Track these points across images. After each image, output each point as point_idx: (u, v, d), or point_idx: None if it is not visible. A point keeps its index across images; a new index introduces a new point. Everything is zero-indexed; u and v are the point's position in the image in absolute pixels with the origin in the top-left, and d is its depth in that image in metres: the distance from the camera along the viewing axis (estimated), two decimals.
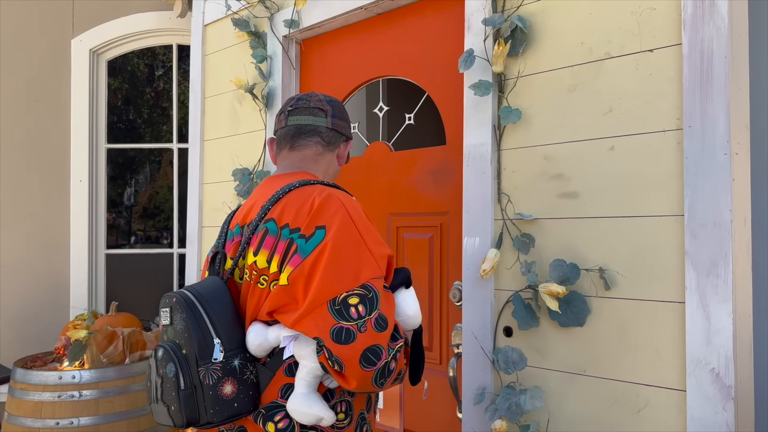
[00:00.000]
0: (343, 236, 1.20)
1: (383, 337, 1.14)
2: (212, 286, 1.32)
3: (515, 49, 1.80)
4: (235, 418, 1.25)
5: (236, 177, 2.72)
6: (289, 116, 1.48)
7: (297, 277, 1.19)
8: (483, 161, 1.87)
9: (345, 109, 1.56)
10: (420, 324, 1.33)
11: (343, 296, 1.15)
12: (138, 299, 3.78)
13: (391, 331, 1.17)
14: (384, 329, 1.15)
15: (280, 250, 1.25)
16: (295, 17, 2.54)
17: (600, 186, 1.64)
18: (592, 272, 1.63)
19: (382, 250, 1.24)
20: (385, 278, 1.24)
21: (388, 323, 1.16)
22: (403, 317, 1.28)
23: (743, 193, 1.46)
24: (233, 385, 1.23)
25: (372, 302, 1.16)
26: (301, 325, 1.17)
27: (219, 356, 1.23)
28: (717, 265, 1.41)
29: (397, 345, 1.17)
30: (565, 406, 1.67)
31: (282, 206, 1.30)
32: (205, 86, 3.03)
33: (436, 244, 2.14)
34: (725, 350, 1.39)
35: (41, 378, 2.68)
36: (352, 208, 1.26)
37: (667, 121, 1.53)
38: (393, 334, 1.19)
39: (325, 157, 1.50)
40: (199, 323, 1.24)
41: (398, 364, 1.19)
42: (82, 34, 3.87)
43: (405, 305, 1.29)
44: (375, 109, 2.48)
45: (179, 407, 1.23)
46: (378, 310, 1.15)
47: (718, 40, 1.44)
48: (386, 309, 1.17)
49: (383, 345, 1.14)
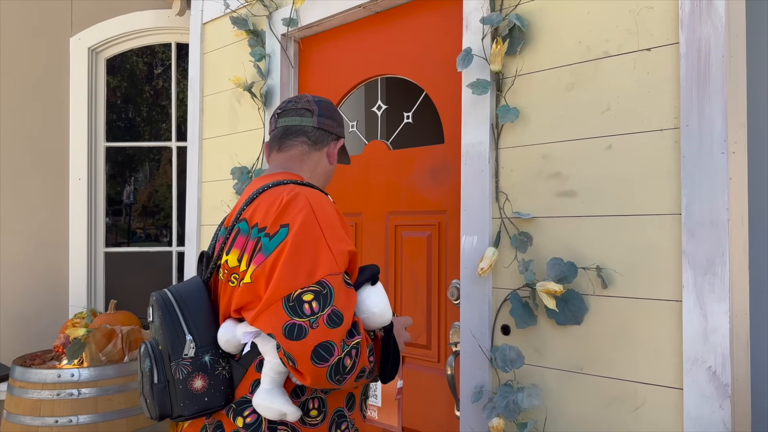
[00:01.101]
0: (303, 234, 1.22)
1: (336, 333, 1.14)
2: (191, 286, 1.38)
3: (513, 48, 1.80)
4: (206, 412, 1.29)
5: (235, 175, 2.72)
6: (279, 119, 1.52)
7: (259, 275, 1.22)
8: (481, 160, 1.87)
9: (335, 109, 1.57)
10: (390, 321, 1.31)
11: (298, 293, 1.16)
12: (137, 297, 3.78)
13: (348, 327, 1.17)
14: (337, 325, 1.15)
15: (249, 249, 1.28)
16: (293, 15, 2.54)
17: (597, 185, 1.64)
18: (590, 271, 1.63)
19: (342, 247, 1.24)
20: (349, 274, 1.27)
21: (343, 319, 1.16)
22: (368, 314, 1.27)
23: (740, 192, 1.46)
24: (204, 380, 1.27)
25: (326, 298, 1.16)
26: (258, 321, 1.19)
27: (190, 352, 1.28)
28: (714, 264, 1.41)
29: (353, 341, 1.16)
30: (562, 404, 1.68)
31: (255, 206, 1.33)
32: (203, 85, 3.03)
33: (434, 242, 2.14)
34: (722, 348, 1.39)
35: (40, 376, 2.68)
36: (317, 206, 1.27)
37: (665, 120, 1.53)
38: (351, 331, 1.18)
39: (311, 157, 1.51)
40: (173, 320, 1.30)
41: (360, 360, 1.18)
42: (81, 33, 3.87)
43: (369, 302, 1.28)
44: (373, 107, 2.48)
45: (153, 400, 1.29)
46: (332, 306, 1.16)
47: (716, 39, 1.44)
48: (343, 305, 1.18)
49: (335, 341, 1.14)
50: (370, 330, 1.30)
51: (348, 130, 2.60)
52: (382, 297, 1.29)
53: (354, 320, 1.20)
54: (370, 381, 1.30)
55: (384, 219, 2.31)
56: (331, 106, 1.56)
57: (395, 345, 1.32)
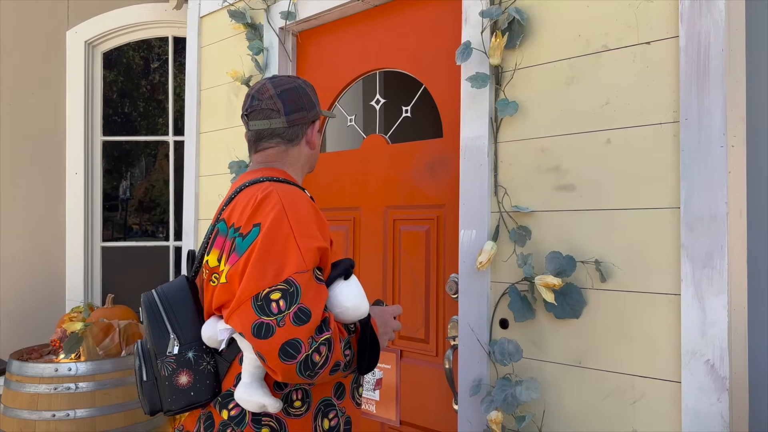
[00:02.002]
0: (272, 232, 1.24)
1: (302, 330, 1.16)
2: (176, 285, 1.43)
3: (512, 42, 1.80)
4: (194, 406, 1.32)
5: (232, 169, 2.71)
6: (248, 121, 1.50)
7: (233, 275, 1.24)
8: (480, 154, 1.87)
9: (299, 92, 1.50)
10: (367, 315, 1.32)
11: (266, 292, 1.19)
12: (134, 292, 3.77)
13: (317, 323, 1.18)
14: (304, 322, 1.16)
15: (226, 249, 1.31)
16: (291, 9, 2.53)
17: (596, 178, 1.64)
18: (589, 264, 1.63)
19: (311, 244, 1.24)
20: (321, 270, 1.29)
21: (310, 316, 1.17)
22: (341, 309, 1.28)
23: (739, 186, 1.46)
24: (189, 375, 1.31)
25: (292, 297, 1.18)
26: (230, 320, 1.22)
27: (174, 350, 1.32)
28: (713, 258, 1.42)
29: (321, 337, 1.18)
30: (560, 397, 1.68)
31: (233, 206, 1.36)
32: (201, 78, 3.02)
33: (432, 236, 2.14)
34: (720, 342, 1.40)
35: (37, 370, 2.68)
36: (289, 204, 1.28)
37: (664, 114, 1.53)
38: (320, 327, 1.20)
39: (290, 152, 1.51)
40: (157, 320, 1.36)
41: (333, 355, 1.20)
42: (77, 26, 3.85)
43: (342, 297, 1.28)
44: (372, 101, 2.47)
45: (143, 397, 1.35)
46: (298, 304, 1.17)
47: (715, 33, 1.44)
48: (311, 302, 1.19)
49: (302, 338, 1.16)
50: (346, 324, 1.32)
51: (347, 124, 2.59)
52: (355, 291, 1.30)
53: (325, 316, 1.22)
54: (348, 373, 1.31)
55: (382, 213, 2.31)
56: (295, 92, 1.49)
57: (373, 338, 1.33)
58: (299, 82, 1.52)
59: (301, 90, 1.51)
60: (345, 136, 2.77)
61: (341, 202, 2.46)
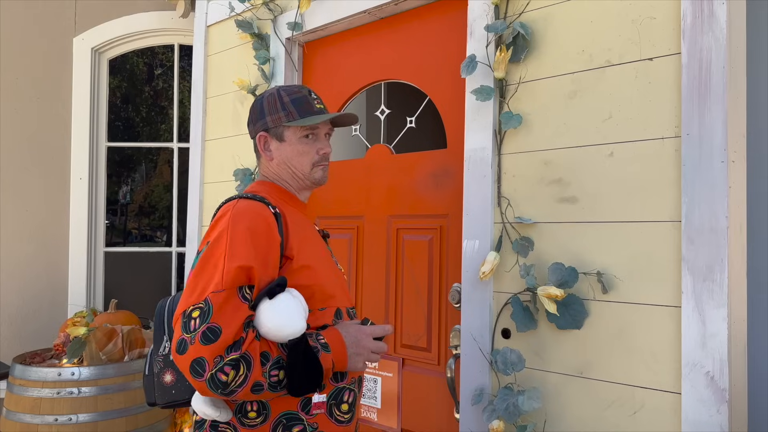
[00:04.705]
0: (209, 251, 1.30)
1: (208, 349, 1.19)
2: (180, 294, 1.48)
3: (517, 56, 1.83)
4: (176, 404, 1.39)
5: (237, 177, 2.74)
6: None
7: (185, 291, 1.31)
8: (483, 165, 1.89)
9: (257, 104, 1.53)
10: (300, 335, 1.27)
11: (190, 309, 1.24)
12: (136, 297, 3.79)
13: (227, 342, 1.20)
14: (211, 341, 1.19)
15: None
16: (298, 20, 2.56)
17: (599, 191, 1.66)
18: (591, 276, 1.65)
19: (232, 264, 1.25)
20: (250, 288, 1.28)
21: (219, 335, 1.20)
22: (264, 329, 1.27)
23: (739, 200, 1.49)
24: (172, 375, 1.38)
25: (205, 315, 1.21)
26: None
27: (165, 350, 1.40)
28: (713, 271, 1.44)
29: (228, 357, 1.19)
30: (562, 407, 1.70)
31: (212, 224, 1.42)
32: (207, 86, 3.05)
33: (435, 246, 2.16)
34: (720, 354, 1.42)
35: (40, 374, 2.69)
36: (234, 223, 1.31)
37: (666, 129, 1.55)
38: (231, 346, 1.21)
39: (270, 165, 1.53)
40: (161, 322, 1.43)
41: (252, 374, 1.21)
42: (84, 33, 3.89)
43: (263, 317, 1.26)
44: (376, 111, 2.50)
45: (143, 388, 1.45)
46: (208, 324, 1.20)
47: (717, 50, 1.47)
48: (226, 321, 1.21)
49: (207, 357, 1.19)
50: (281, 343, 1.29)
51: (351, 134, 2.62)
52: (278, 311, 1.26)
53: (240, 336, 1.22)
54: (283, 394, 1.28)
55: (386, 222, 2.34)
56: (255, 104, 1.53)
57: (311, 360, 1.27)
58: (270, 92, 1.52)
59: (260, 101, 1.53)
60: (349, 145, 2.80)
61: (345, 210, 2.48)
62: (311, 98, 1.51)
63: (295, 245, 1.38)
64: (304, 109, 1.48)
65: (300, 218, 1.49)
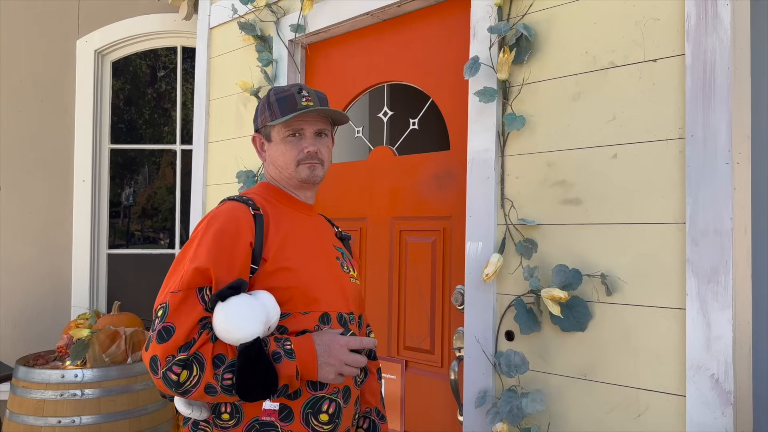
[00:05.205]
0: (182, 252, 1.35)
1: (160, 347, 1.21)
2: None
3: (520, 57, 1.83)
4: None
5: (240, 179, 2.74)
6: None
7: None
8: (487, 167, 1.89)
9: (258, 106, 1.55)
10: (252, 340, 1.23)
11: (158, 308, 1.28)
12: (139, 299, 3.79)
13: (179, 342, 1.21)
14: (164, 340, 1.21)
15: None
16: (301, 22, 2.56)
17: (603, 193, 1.66)
18: (594, 278, 1.65)
19: (190, 266, 1.28)
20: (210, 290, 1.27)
21: (172, 335, 1.22)
22: (216, 332, 1.26)
23: (744, 202, 1.48)
24: None
25: (163, 315, 1.25)
26: None
27: None
28: (717, 273, 1.43)
29: (177, 357, 1.21)
30: (566, 409, 1.69)
31: None
32: (210, 89, 3.05)
33: (438, 248, 2.16)
34: (725, 356, 1.41)
35: (44, 376, 2.69)
36: (208, 225, 1.35)
37: (670, 130, 1.55)
38: (183, 346, 1.22)
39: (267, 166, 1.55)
40: None
41: (204, 375, 1.21)
42: (88, 35, 3.89)
43: (214, 320, 1.25)
44: (379, 113, 2.50)
45: None
46: (164, 323, 1.23)
47: (721, 52, 1.46)
48: (181, 321, 1.23)
49: (159, 355, 1.21)
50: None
51: (354, 135, 2.62)
52: (227, 315, 1.24)
53: (192, 337, 1.23)
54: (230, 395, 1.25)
55: (389, 224, 2.33)
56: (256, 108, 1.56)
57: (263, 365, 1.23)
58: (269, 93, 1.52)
59: (260, 103, 1.55)
60: (352, 147, 2.80)
61: (348, 212, 2.48)
62: (299, 96, 1.45)
63: (275, 246, 1.36)
64: (286, 108, 1.44)
65: (295, 219, 1.47)
